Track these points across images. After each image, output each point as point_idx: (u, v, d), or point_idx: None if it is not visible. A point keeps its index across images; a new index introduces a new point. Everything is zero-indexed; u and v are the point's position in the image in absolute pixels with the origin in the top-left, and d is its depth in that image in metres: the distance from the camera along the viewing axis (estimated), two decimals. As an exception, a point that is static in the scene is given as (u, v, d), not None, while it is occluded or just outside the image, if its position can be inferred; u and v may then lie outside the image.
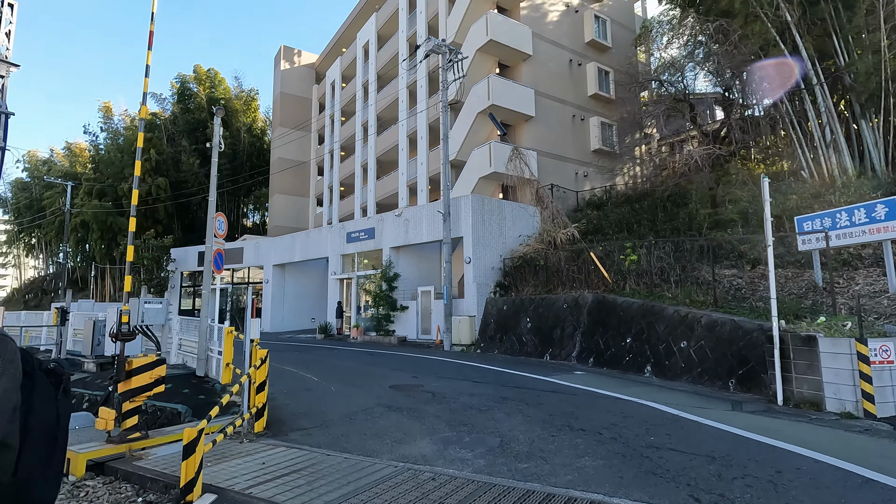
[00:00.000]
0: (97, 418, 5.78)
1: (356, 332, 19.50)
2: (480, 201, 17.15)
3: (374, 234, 20.30)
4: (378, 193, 28.22)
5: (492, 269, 16.87)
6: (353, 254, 21.42)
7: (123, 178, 35.35)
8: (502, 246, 17.34)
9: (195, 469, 4.18)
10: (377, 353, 14.91)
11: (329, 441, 5.99)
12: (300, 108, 38.05)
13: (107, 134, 40.55)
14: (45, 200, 39.41)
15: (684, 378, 9.18)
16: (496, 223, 17.35)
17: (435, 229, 17.73)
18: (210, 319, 25.95)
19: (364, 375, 10.50)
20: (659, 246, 12.23)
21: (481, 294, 16.33)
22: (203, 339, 9.05)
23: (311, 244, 23.77)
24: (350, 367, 11.77)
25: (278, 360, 13.04)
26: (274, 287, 25.59)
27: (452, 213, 16.98)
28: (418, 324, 18.19)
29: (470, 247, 16.57)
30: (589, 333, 12.40)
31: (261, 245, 26.97)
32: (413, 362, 12.58)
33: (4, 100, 10.17)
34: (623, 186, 23.20)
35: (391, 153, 27.70)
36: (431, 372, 10.87)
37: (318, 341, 19.31)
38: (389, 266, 19.03)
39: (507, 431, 6.04)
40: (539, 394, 8.25)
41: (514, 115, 20.11)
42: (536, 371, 10.86)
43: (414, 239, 18.70)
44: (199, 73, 40.64)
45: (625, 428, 5.98)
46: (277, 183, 36.99)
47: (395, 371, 11.01)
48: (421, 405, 7.58)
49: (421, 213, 18.65)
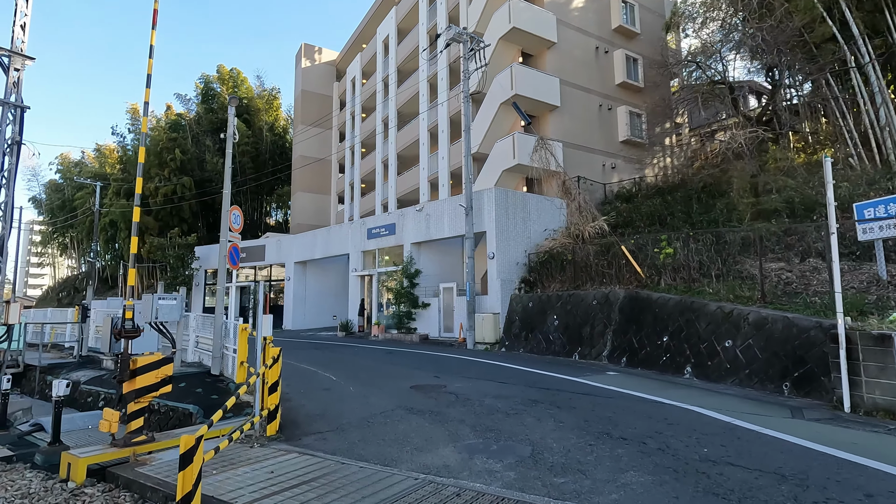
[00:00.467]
0: (101, 420, 5.45)
1: (377, 330, 19.14)
2: (504, 194, 16.54)
3: (394, 229, 19.89)
4: (399, 189, 27.85)
5: (516, 265, 16.25)
6: (374, 250, 21.06)
7: (150, 177, 35.89)
8: (527, 240, 16.69)
9: (193, 480, 3.76)
10: (398, 351, 14.48)
11: (345, 447, 5.54)
12: (321, 105, 38.00)
13: (134, 135, 41.30)
14: (77, 201, 40.41)
15: (730, 380, 8.42)
16: (520, 217, 16.71)
17: (457, 224, 17.19)
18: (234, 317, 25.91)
19: (384, 375, 10.06)
20: (697, 238, 11.42)
21: (505, 290, 15.73)
22: (218, 336, 8.74)
23: (332, 241, 23.53)
24: (370, 366, 11.35)
25: (297, 358, 12.74)
26: (295, 284, 25.48)
27: (475, 207, 16.41)
28: (440, 321, 17.71)
29: (493, 242, 15.98)
30: (621, 331, 11.69)
31: (282, 242, 26.91)
32: (435, 361, 12.09)
33: (20, 93, 10.10)
34: (653, 178, 22.22)
35: (412, 148, 27.27)
36: (454, 371, 10.35)
37: (339, 339, 19.03)
38: (410, 262, 18.60)
39: (538, 439, 5.48)
40: (571, 396, 7.64)
41: (538, 106, 19.41)
42: (565, 371, 10.23)
43: (435, 234, 18.20)
44: (223, 72, 41.02)
45: (672, 437, 5.35)
46: (299, 181, 37.02)
47: (416, 370, 10.54)
48: (443, 408, 7.07)
49: (442, 207, 18.14)
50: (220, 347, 8.82)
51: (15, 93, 9.35)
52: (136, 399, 5.47)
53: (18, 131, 9.30)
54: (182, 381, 8.34)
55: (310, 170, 36.98)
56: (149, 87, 7.63)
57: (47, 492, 4.70)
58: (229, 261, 9.34)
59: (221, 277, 9.55)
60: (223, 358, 8.80)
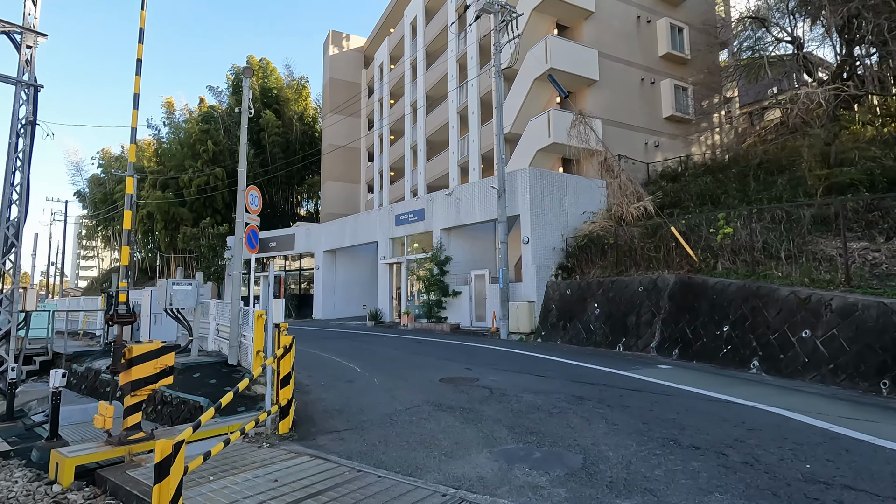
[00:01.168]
0: (96, 414, 4.91)
1: (406, 319, 18.51)
2: (539, 175, 15.48)
3: (423, 215, 19.13)
4: (428, 175, 27.05)
5: (553, 250, 15.22)
6: (403, 237, 20.38)
7: (183, 169, 36.43)
8: (564, 224, 15.61)
9: (171, 495, 3.08)
10: (428, 341, 13.77)
11: (363, 449, 4.81)
12: (350, 93, 37.50)
13: (169, 129, 42.03)
14: (117, 194, 41.53)
15: (809, 376, 7.27)
16: (557, 199, 15.63)
17: (489, 208, 16.27)
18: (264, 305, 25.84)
19: (412, 366, 9.34)
20: (761, 216, 10.13)
21: (541, 277, 14.74)
22: (234, 324, 8.22)
23: (361, 228, 23.01)
24: (397, 357, 10.67)
25: (322, 347, 12.20)
26: (325, 273, 25.17)
27: (508, 189, 15.43)
28: (472, 310, 16.89)
29: (528, 225, 14.99)
30: (671, 321, 10.58)
31: (311, 231, 26.63)
32: (466, 352, 11.30)
33: (33, 72, 9.79)
34: (700, 156, 20.62)
35: (441, 132, 26.38)
36: (487, 363, 9.53)
37: (367, 328, 18.50)
38: (440, 249, 17.82)
39: (589, 445, 4.60)
40: (621, 393, 6.70)
41: (575, 80, 18.14)
42: (610, 364, 9.25)
43: (466, 219, 17.33)
44: (252, 63, 41.09)
45: (757, 447, 4.36)
46: (329, 170, 36.78)
47: (446, 361, 9.77)
48: (476, 404, 6.26)
49: (473, 190, 17.24)
50: (237, 336, 8.29)
51: (28, 71, 9.01)
52: (133, 392, 4.89)
53: (32, 111, 8.97)
54: (197, 371, 7.86)
55: (339, 159, 36.67)
56: (136, 109, 6.70)
57: (29, 496, 4.18)
58: (247, 244, 8.77)
59: (238, 261, 9.02)
60: (240, 347, 8.28)
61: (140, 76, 6.81)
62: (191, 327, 8.47)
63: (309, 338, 14.92)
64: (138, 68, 6.83)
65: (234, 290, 8.39)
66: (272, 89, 40.84)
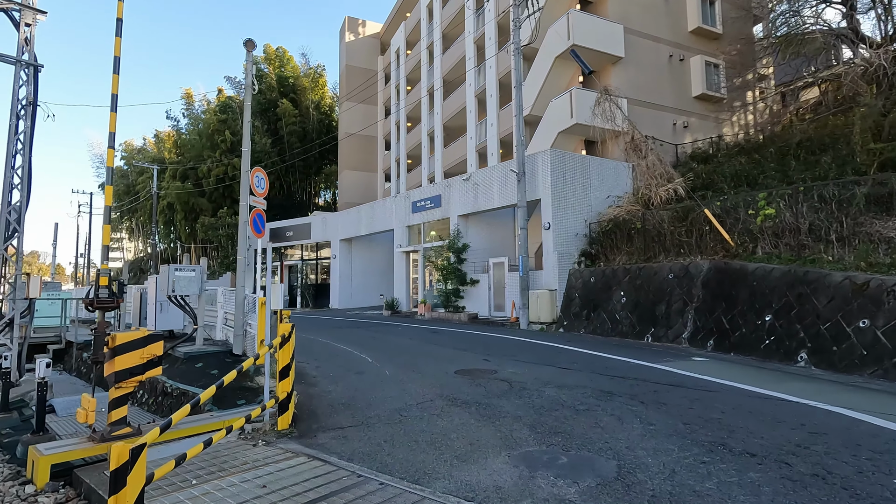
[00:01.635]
0: (79, 408, 4.52)
1: (423, 309, 18.04)
2: (561, 157, 14.71)
3: (440, 201, 18.55)
4: (445, 162, 26.42)
5: (575, 236, 14.49)
6: (419, 224, 19.86)
7: (202, 159, 36.53)
8: (587, 209, 14.84)
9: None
10: (444, 330, 13.26)
11: (367, 449, 4.31)
12: (366, 80, 36.94)
13: (188, 120, 42.22)
14: (139, 185, 42.02)
15: (869, 371, 6.50)
16: (580, 182, 14.85)
17: (508, 192, 15.59)
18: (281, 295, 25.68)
19: (426, 357, 8.83)
20: (808, 195, 9.25)
21: (563, 265, 14.05)
22: (239, 311, 7.82)
23: (377, 216, 22.57)
24: (411, 347, 10.17)
25: (335, 337, 11.80)
26: (341, 263, 24.87)
27: (528, 173, 14.73)
28: (490, 299, 16.31)
29: (549, 210, 14.27)
30: (706, 309, 9.82)
31: (328, 220, 26.32)
32: (484, 342, 10.75)
33: (32, 51, 9.50)
34: (732, 137, 19.48)
35: (458, 118, 25.67)
36: (506, 354, 8.96)
37: (383, 318, 18.10)
38: (457, 236, 17.24)
39: (624, 449, 4.01)
40: (656, 388, 6.06)
41: (599, 58, 17.20)
42: (639, 356, 8.58)
43: (484, 205, 16.69)
44: (269, 52, 40.86)
45: (827, 455, 3.70)
46: (346, 159, 36.42)
47: (462, 352, 9.24)
48: (494, 399, 5.71)
49: (491, 175, 16.56)
50: (242, 324, 7.90)
51: (27, 50, 8.70)
52: (118, 383, 4.47)
53: (33, 92, 8.66)
54: (200, 361, 7.50)
55: (356, 147, 36.28)
56: (115, 111, 5.77)
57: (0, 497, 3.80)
58: (252, 228, 8.34)
59: (242, 245, 8.61)
60: (246, 336, 7.89)
61: (118, 74, 5.90)
62: (195, 315, 8.12)
63: (323, 327, 14.58)
64: (116, 66, 5.92)
65: (239, 277, 7.98)
66: (289, 78, 40.55)
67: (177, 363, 7.44)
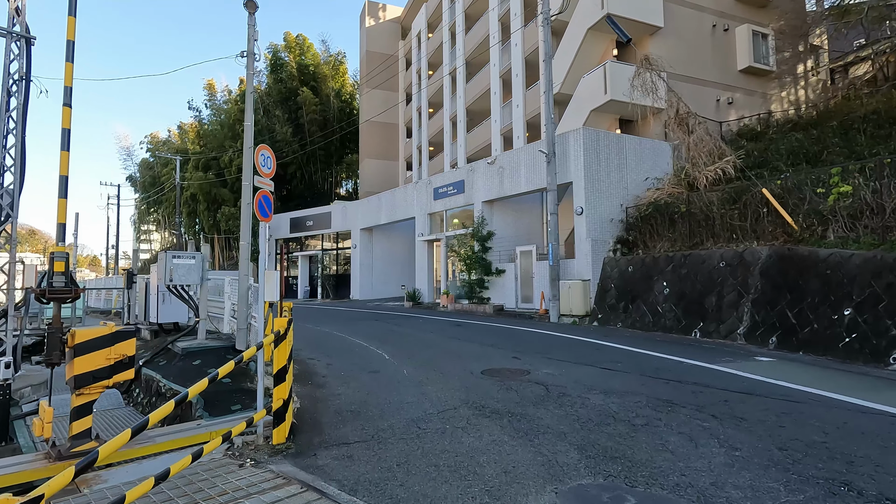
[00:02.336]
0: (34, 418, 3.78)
1: (446, 300, 17.18)
2: (594, 136, 13.54)
3: (463, 187, 17.59)
4: (469, 147, 25.37)
5: (610, 222, 13.35)
6: (442, 212, 18.95)
7: (224, 150, 36.39)
8: (623, 192, 13.66)
9: None
10: (469, 324, 12.38)
11: (376, 476, 3.46)
12: (387, 66, 36.05)
13: (211, 111, 42.16)
14: (164, 176, 42.28)
15: None
16: (615, 163, 13.67)
17: (536, 175, 14.53)
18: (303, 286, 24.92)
19: (449, 354, 7.95)
20: (894, 169, 7.93)
21: (597, 253, 12.95)
22: (242, 303, 7.09)
23: (398, 204, 21.75)
24: (433, 342, 9.31)
25: (352, 330, 11.05)
26: (362, 253, 24.20)
27: (558, 153, 13.62)
28: (517, 290, 15.32)
29: (582, 194, 13.16)
30: (765, 302, 8.64)
31: (348, 208, 25.67)
32: (513, 337, 9.82)
33: (24, 21, 8.90)
34: (782, 113, 17.86)
35: (482, 101, 24.54)
36: (538, 351, 8.02)
37: (404, 310, 17.32)
38: (482, 223, 16.26)
39: (708, 485, 3.04)
40: (725, 397, 5.03)
41: (635, 27, 15.82)
42: (692, 354, 7.52)
43: (510, 189, 15.65)
44: (289, 40, 40.31)
45: None
46: (367, 147, 35.72)
47: (489, 348, 8.34)
48: (530, 407, 4.80)
49: (518, 158, 15.49)
50: (246, 317, 7.17)
51: (18, 21, 8.07)
52: (78, 390, 3.72)
53: (26, 66, 8.04)
54: (198, 358, 6.81)
55: (377, 135, 35.56)
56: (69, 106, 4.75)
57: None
58: (258, 211, 7.57)
59: (245, 230, 7.84)
60: (250, 330, 7.17)
61: (73, 63, 4.90)
62: (197, 306, 7.44)
63: (341, 319, 13.89)
64: (69, 52, 4.92)
65: (242, 265, 7.24)
66: (309, 66, 39.95)
67: (174, 359, 6.78)
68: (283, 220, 29.50)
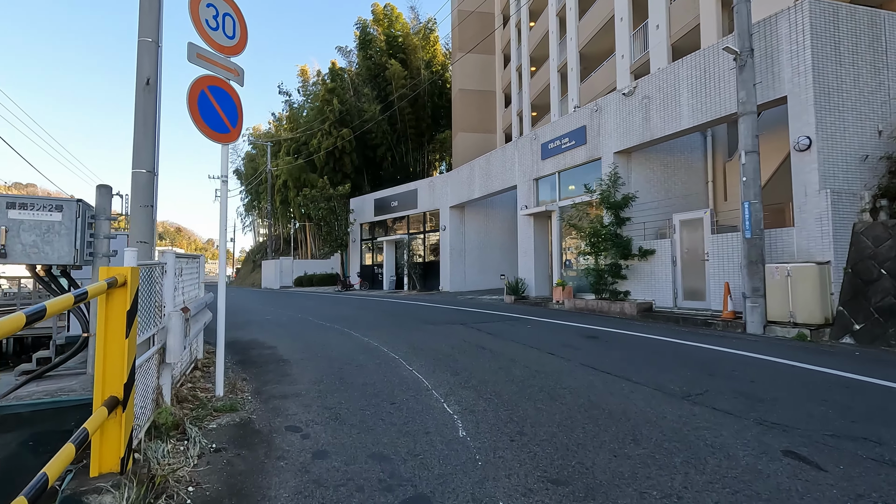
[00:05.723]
0: None
1: (561, 294, 12.39)
2: (829, 12, 7.84)
3: (584, 136, 12.58)
4: (583, 99, 19.99)
5: (863, 161, 7.65)
6: (553, 174, 14.09)
7: (313, 134, 34.79)
8: (883, 109, 7.81)
9: None
10: (607, 334, 7.56)
11: None
12: (482, 25, 31.55)
13: (303, 97, 41.22)
14: (262, 166, 42.23)
15: None
16: (867, 60, 7.86)
17: (708, 100, 9.16)
18: (388, 277, 21.49)
19: (604, 420, 3.31)
20: None
21: (840, 214, 7.37)
22: (150, 322, 3.19)
23: (494, 172, 17.28)
24: (560, 381, 4.69)
25: (413, 345, 6.81)
26: (452, 235, 20.13)
27: (758, 51, 8.17)
28: (675, 280, 10.07)
29: (809, 114, 7.61)
30: None
31: (435, 184, 21.74)
32: (703, 367, 4.87)
33: None
34: None
35: (601, 38, 19.03)
36: (800, 411, 3.05)
37: (505, 307, 12.85)
38: (614, 183, 11.16)
39: None
40: None
41: None
42: None
43: (662, 129, 10.37)
44: (377, 13, 37.62)
45: None
46: (460, 119, 31.67)
47: (683, 404, 3.53)
48: None
49: (674, 77, 10.13)
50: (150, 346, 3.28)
51: None
52: None
53: None
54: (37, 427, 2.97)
55: (471, 106, 31.37)
56: None
57: None
58: (195, 112, 3.68)
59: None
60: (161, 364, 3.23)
61: None
62: (86, 313, 3.77)
63: (409, 321, 9.77)
64: None
65: (137, 233, 3.33)
66: (398, 37, 36.91)
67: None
68: (367, 201, 26.61)
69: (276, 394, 4.20)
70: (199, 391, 3.95)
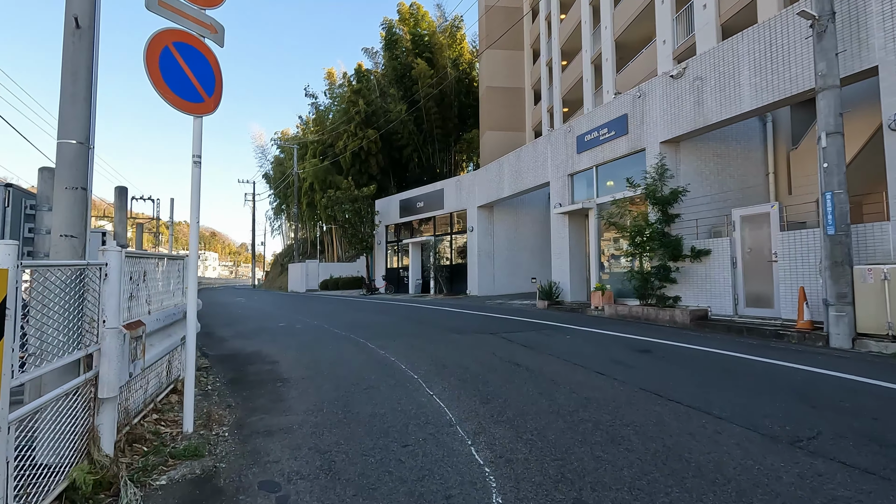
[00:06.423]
0: None
1: (601, 300, 11.27)
2: (931, -34, 6.55)
3: (625, 125, 11.45)
4: (619, 89, 18.73)
5: (978, 140, 6.30)
6: (590, 168, 12.99)
7: (338, 135, 34.46)
8: None
9: None
10: (662, 347, 6.48)
11: None
12: (509, 20, 30.55)
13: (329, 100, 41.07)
14: (289, 169, 42.28)
15: None
16: (982, 19, 6.52)
17: (774, 77, 7.95)
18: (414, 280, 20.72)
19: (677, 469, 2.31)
20: None
21: (953, 205, 6.06)
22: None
23: (525, 168, 16.26)
24: (621, 416, 3.70)
25: (435, 359, 5.90)
26: (480, 236, 19.18)
27: (840, 14, 6.96)
28: (736, 284, 8.84)
29: (907, 85, 6.35)
30: None
31: (462, 183, 20.84)
32: (807, 395, 3.77)
33: None
34: None
35: (639, 24, 17.78)
36: None
37: (537, 314, 11.82)
38: (661, 175, 9.99)
39: None
40: None
41: None
42: None
43: (718, 113, 9.17)
44: (403, 12, 37.08)
45: None
46: (487, 118, 30.73)
47: (802, 454, 2.49)
48: None
49: (735, 52, 8.93)
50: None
51: None
52: None
53: None
54: None
55: (499, 103, 30.39)
56: None
57: None
58: (155, 76, 2.83)
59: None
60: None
61: None
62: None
63: (432, 329, 8.86)
64: None
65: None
66: (424, 36, 36.29)
67: None
68: (392, 203, 25.94)
69: (260, 428, 3.37)
70: (165, 425, 3.16)
